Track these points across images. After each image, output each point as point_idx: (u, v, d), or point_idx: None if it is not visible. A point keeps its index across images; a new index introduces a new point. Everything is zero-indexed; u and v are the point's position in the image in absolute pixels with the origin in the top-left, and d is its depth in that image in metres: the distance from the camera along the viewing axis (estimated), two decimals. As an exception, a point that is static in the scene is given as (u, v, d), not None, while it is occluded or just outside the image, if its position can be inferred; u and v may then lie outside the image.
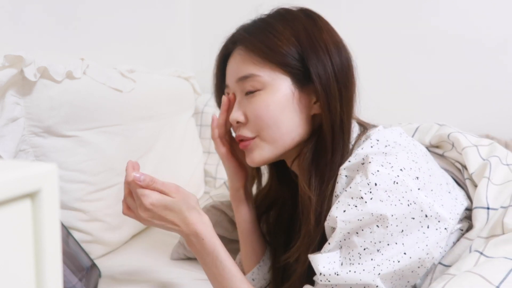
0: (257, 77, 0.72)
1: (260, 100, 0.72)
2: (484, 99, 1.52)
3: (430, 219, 0.62)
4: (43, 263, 0.32)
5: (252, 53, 0.73)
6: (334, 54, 0.72)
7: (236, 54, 0.76)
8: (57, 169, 0.33)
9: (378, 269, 0.61)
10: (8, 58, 0.88)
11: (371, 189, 0.62)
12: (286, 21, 0.73)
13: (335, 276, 0.63)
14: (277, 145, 0.73)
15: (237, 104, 0.76)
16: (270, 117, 0.72)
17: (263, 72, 0.72)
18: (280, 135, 0.72)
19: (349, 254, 0.63)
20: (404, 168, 0.63)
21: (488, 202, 0.68)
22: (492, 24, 1.48)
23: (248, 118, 0.74)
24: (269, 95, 0.72)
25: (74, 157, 1.02)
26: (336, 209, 0.64)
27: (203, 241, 0.71)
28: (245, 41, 0.74)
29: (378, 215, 0.61)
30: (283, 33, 0.71)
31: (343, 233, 0.64)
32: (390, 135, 0.70)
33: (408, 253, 0.62)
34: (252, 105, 0.73)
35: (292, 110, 0.72)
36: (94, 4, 1.36)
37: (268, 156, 0.74)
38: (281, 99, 0.72)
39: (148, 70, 1.44)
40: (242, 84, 0.74)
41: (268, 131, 0.72)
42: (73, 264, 0.85)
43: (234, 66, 0.76)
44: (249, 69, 0.73)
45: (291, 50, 0.71)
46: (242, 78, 0.74)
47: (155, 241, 1.20)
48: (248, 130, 0.75)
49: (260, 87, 0.72)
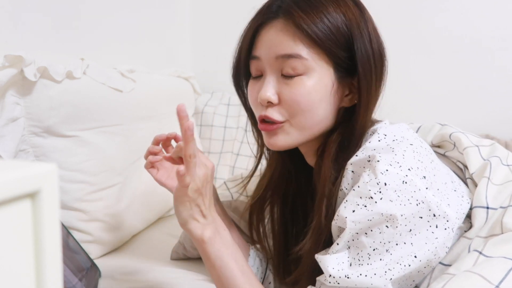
0: (303, 60, 0.67)
1: (301, 85, 0.67)
2: (484, 99, 1.52)
3: (438, 218, 0.62)
4: (43, 263, 0.32)
5: (302, 32, 0.66)
6: (375, 46, 0.69)
7: (280, 25, 0.68)
8: (57, 169, 0.33)
9: (389, 274, 0.61)
10: (8, 58, 0.89)
11: (380, 188, 0.61)
12: (339, 6, 0.68)
13: (345, 279, 0.62)
14: (305, 133, 0.71)
15: (270, 83, 0.69)
16: (308, 105, 0.68)
17: (310, 56, 0.67)
18: (311, 123, 0.70)
19: (358, 255, 0.63)
20: (412, 168, 0.63)
21: (487, 202, 0.68)
22: (493, 24, 1.48)
23: (283, 100, 0.69)
24: (311, 81, 0.67)
25: (74, 157, 1.02)
26: (345, 208, 0.63)
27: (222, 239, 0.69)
28: (295, 14, 0.66)
29: (388, 215, 0.61)
30: (336, 19, 0.66)
31: (352, 233, 0.63)
32: (398, 130, 0.69)
33: (418, 256, 0.61)
34: (292, 88, 0.68)
35: (328, 101, 0.69)
36: (94, 4, 1.36)
37: (292, 142, 0.72)
38: (322, 88, 0.68)
39: (148, 70, 1.44)
40: (282, 62, 0.68)
41: (301, 118, 0.69)
42: (73, 264, 0.85)
43: (276, 38, 0.68)
44: (297, 48, 0.66)
45: (342, 39, 0.67)
46: (286, 56, 0.67)
47: (155, 241, 1.20)
48: (279, 113, 0.70)
49: (303, 71, 0.67)
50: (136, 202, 1.20)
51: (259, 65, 0.71)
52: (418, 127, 0.87)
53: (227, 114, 1.70)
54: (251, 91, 0.74)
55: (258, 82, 0.72)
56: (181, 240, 1.05)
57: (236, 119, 1.68)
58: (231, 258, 0.69)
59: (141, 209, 1.23)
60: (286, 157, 0.83)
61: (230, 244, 0.70)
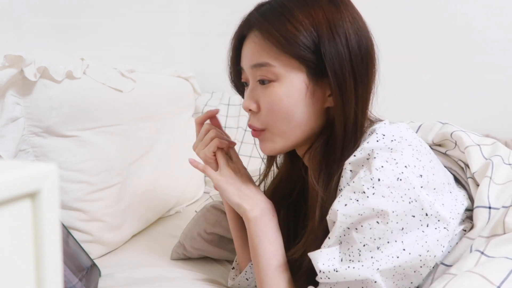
0: (271, 67, 0.69)
1: (273, 92, 0.70)
2: (484, 99, 1.52)
3: (430, 218, 0.62)
4: (43, 263, 0.32)
5: (267, 41, 0.69)
6: (354, 45, 0.68)
7: (251, 39, 0.72)
8: (57, 169, 0.33)
9: (377, 264, 0.61)
10: (8, 58, 0.88)
11: (374, 184, 0.61)
12: (307, 7, 0.68)
13: (334, 273, 0.62)
14: (288, 138, 0.72)
15: (250, 92, 0.73)
16: (281, 111, 0.70)
17: (277, 63, 0.69)
18: (290, 128, 0.71)
19: (349, 250, 0.63)
20: (409, 165, 0.63)
21: (489, 202, 0.68)
22: (493, 24, 1.48)
23: (261, 108, 0.72)
24: (282, 88, 0.69)
25: (74, 157, 1.02)
26: (338, 202, 0.64)
27: None
28: (261, 26, 0.70)
29: (379, 210, 0.61)
30: (302, 22, 0.67)
31: (343, 228, 0.63)
32: (397, 130, 0.69)
33: (407, 249, 0.62)
34: (266, 97, 0.71)
35: (304, 104, 0.70)
36: (94, 4, 1.36)
37: (279, 148, 0.74)
38: (295, 93, 0.69)
39: (148, 70, 1.44)
40: (256, 71, 0.71)
41: (277, 125, 0.71)
42: (73, 264, 0.85)
43: (248, 51, 0.73)
44: (263, 57, 0.70)
45: (309, 42, 0.67)
46: (256, 66, 0.71)
47: (155, 241, 1.20)
48: (258, 121, 0.73)
49: (274, 78, 0.70)
50: (136, 202, 1.20)
51: (244, 76, 0.76)
52: (419, 126, 0.87)
53: (227, 114, 1.70)
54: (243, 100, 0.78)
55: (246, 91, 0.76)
56: (181, 240, 1.05)
57: (236, 119, 1.68)
58: (267, 241, 0.76)
59: (141, 209, 1.23)
60: (289, 159, 0.86)
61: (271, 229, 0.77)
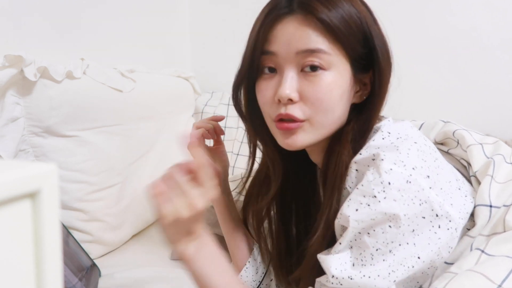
0: (325, 54, 0.64)
1: (324, 81, 0.65)
2: (484, 99, 1.52)
3: (440, 218, 0.61)
4: (43, 263, 0.32)
5: (323, 25, 0.63)
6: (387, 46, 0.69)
7: (299, 19, 0.64)
8: (57, 169, 0.33)
9: (393, 276, 0.60)
10: (8, 58, 0.88)
11: (384, 188, 0.60)
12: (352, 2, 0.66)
13: (348, 280, 0.61)
14: (323, 131, 0.68)
15: (289, 80, 0.65)
16: (330, 102, 0.65)
17: (332, 50, 0.64)
18: (331, 121, 0.68)
19: (361, 255, 0.62)
20: (416, 167, 0.62)
21: (490, 200, 0.68)
22: (494, 23, 1.48)
23: (304, 98, 0.65)
24: (334, 78, 0.65)
25: (74, 157, 1.02)
26: (348, 207, 0.62)
27: None
28: (316, 9, 0.64)
29: (391, 214, 0.60)
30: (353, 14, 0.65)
31: (355, 233, 0.62)
32: (401, 127, 0.68)
33: (421, 257, 0.61)
34: (314, 85, 0.65)
35: (346, 98, 0.68)
36: (94, 5, 1.36)
37: (310, 141, 0.69)
38: (343, 85, 0.66)
39: (148, 70, 1.44)
40: (303, 57, 0.64)
41: (322, 116, 0.66)
42: (73, 264, 0.85)
43: (296, 33, 0.64)
44: (319, 42, 0.64)
45: (359, 35, 0.66)
46: (308, 51, 0.64)
47: (155, 241, 1.19)
48: (300, 111, 0.66)
49: (325, 66, 0.64)
50: (136, 202, 1.20)
51: (274, 62, 0.67)
52: (421, 124, 0.87)
53: (227, 114, 1.70)
54: (264, 89, 0.69)
55: (272, 80, 0.68)
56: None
57: (236, 119, 1.68)
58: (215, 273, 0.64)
59: (141, 209, 1.23)
60: (287, 156, 0.79)
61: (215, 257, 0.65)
